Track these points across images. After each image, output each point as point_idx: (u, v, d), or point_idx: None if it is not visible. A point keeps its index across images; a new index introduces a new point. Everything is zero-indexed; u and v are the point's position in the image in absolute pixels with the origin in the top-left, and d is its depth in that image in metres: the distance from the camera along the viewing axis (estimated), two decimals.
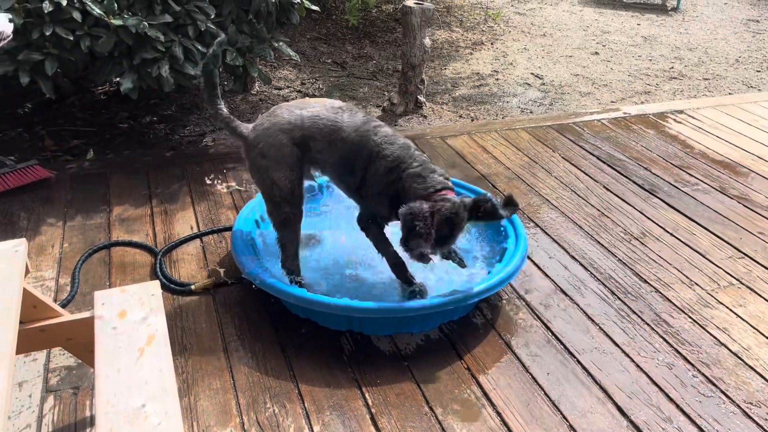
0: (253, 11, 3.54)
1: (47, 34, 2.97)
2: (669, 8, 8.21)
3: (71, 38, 3.03)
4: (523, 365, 2.31)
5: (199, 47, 3.32)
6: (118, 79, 3.39)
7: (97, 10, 3.03)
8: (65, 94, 4.36)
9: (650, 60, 6.17)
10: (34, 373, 2.19)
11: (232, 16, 3.48)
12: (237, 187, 3.40)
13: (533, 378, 2.25)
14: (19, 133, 3.98)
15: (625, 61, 6.09)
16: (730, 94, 5.39)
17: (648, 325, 2.53)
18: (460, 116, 4.73)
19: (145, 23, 3.12)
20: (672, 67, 5.99)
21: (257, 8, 3.48)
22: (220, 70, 3.84)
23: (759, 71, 6.01)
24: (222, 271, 2.71)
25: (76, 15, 3.00)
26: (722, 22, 7.66)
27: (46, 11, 2.93)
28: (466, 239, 2.86)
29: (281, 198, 2.43)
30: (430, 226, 2.15)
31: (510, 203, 2.28)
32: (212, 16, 3.37)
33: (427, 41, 4.41)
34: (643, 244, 3.07)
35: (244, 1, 3.53)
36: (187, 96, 4.65)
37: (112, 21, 3.04)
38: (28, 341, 1.84)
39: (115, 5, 3.08)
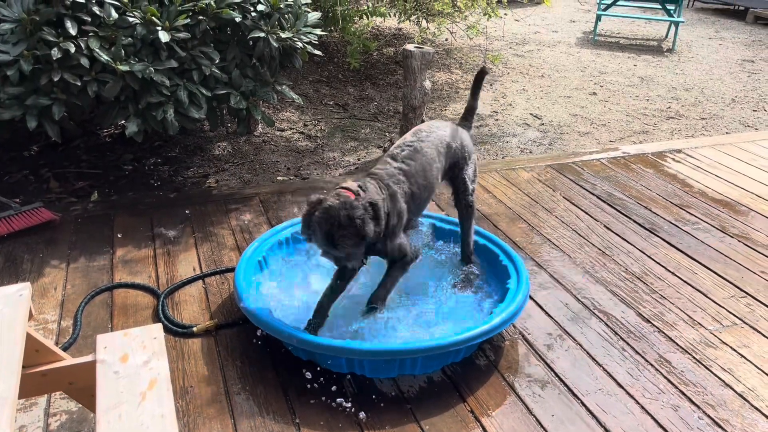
0: (256, 56, 3.61)
1: (55, 79, 3.03)
2: (665, 49, 8.36)
3: (79, 84, 3.09)
4: (527, 407, 2.29)
5: (204, 91, 3.39)
6: (123, 122, 3.44)
7: (104, 57, 3.10)
8: (71, 137, 4.42)
9: (647, 100, 6.26)
10: (35, 418, 2.18)
11: (236, 61, 3.55)
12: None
13: (537, 420, 2.23)
14: (24, 175, 4.03)
15: (622, 101, 6.18)
16: (727, 133, 5.45)
17: (652, 365, 2.52)
18: None
19: (151, 68, 3.19)
20: (669, 107, 6.07)
21: (260, 53, 3.56)
22: (225, 112, 3.90)
23: (755, 110, 6.08)
24: (224, 312, 2.71)
25: (84, 61, 3.07)
26: (717, 62, 7.79)
27: (54, 58, 3.00)
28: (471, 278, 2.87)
29: None
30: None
31: None
32: (217, 61, 3.44)
33: (428, 83, 4.49)
34: (644, 283, 3.07)
35: (247, 47, 3.62)
36: (191, 138, 4.71)
37: (119, 67, 3.11)
38: (29, 386, 1.84)
39: (122, 51, 3.15)
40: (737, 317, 2.84)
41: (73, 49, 3.04)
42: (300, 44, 3.67)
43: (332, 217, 2.23)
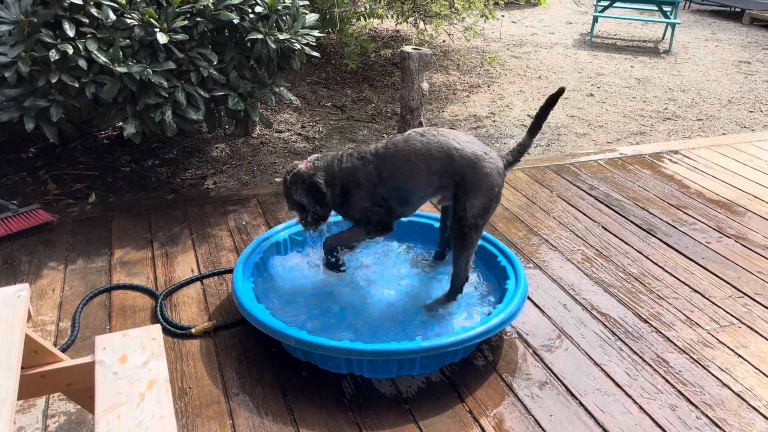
0: (254, 57, 3.62)
1: (53, 81, 3.03)
2: (661, 51, 8.38)
3: (77, 85, 3.09)
4: (525, 407, 2.29)
5: (202, 92, 3.39)
6: (121, 124, 3.44)
7: (102, 58, 3.10)
8: (69, 138, 4.42)
9: (644, 101, 6.27)
10: (33, 420, 2.18)
11: (234, 62, 3.55)
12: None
13: (536, 420, 2.24)
14: (22, 177, 4.02)
15: (619, 103, 6.19)
16: (724, 134, 5.47)
17: (649, 365, 2.52)
18: None
19: (149, 70, 3.19)
20: (666, 108, 6.09)
21: (258, 54, 3.56)
22: (223, 114, 3.91)
23: (752, 111, 6.10)
24: (222, 314, 2.72)
25: (82, 63, 3.07)
26: (714, 63, 7.82)
27: (52, 59, 3.00)
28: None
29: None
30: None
31: None
32: (215, 63, 3.44)
33: (425, 85, 4.50)
34: (642, 283, 3.08)
35: (245, 48, 3.62)
36: (189, 140, 4.71)
37: (117, 68, 3.11)
38: (28, 387, 1.83)
39: (120, 53, 3.15)
40: (735, 317, 2.84)
41: (71, 51, 3.04)
42: (298, 46, 3.68)
43: (283, 181, 2.70)
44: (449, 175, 2.58)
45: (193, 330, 2.60)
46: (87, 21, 3.16)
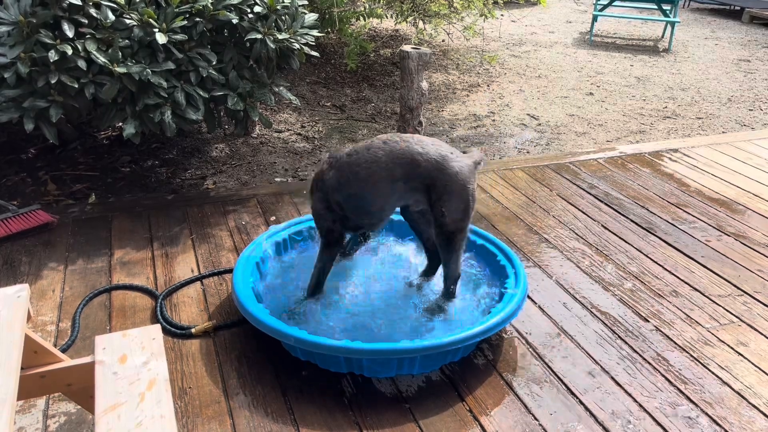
0: (253, 57, 3.62)
1: (52, 82, 3.04)
2: (661, 49, 8.38)
3: (76, 86, 3.09)
4: (526, 406, 2.29)
5: (201, 93, 3.39)
6: (120, 124, 3.44)
7: (101, 59, 3.10)
8: (68, 139, 4.43)
9: (644, 100, 6.28)
10: (33, 420, 2.18)
11: (233, 62, 3.56)
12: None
13: (536, 419, 2.24)
14: (22, 178, 4.03)
15: (619, 101, 6.19)
16: (723, 132, 5.47)
17: (649, 363, 2.52)
18: None
19: (149, 70, 3.19)
20: (665, 107, 6.09)
21: (258, 54, 3.56)
22: (222, 114, 3.91)
23: (751, 110, 6.10)
24: (222, 313, 2.72)
25: (81, 63, 3.07)
26: (713, 62, 7.82)
27: (51, 60, 3.00)
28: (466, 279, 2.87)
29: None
30: None
31: None
32: (214, 63, 3.44)
33: (425, 84, 4.50)
34: (642, 282, 3.08)
35: (244, 48, 3.62)
36: (189, 140, 4.71)
37: (116, 69, 3.11)
38: (28, 387, 1.83)
39: (120, 53, 3.15)
40: (735, 315, 2.84)
41: (70, 52, 3.04)
42: (297, 45, 3.68)
43: None
44: (417, 180, 2.52)
45: (192, 330, 2.60)
46: (86, 21, 3.16)
